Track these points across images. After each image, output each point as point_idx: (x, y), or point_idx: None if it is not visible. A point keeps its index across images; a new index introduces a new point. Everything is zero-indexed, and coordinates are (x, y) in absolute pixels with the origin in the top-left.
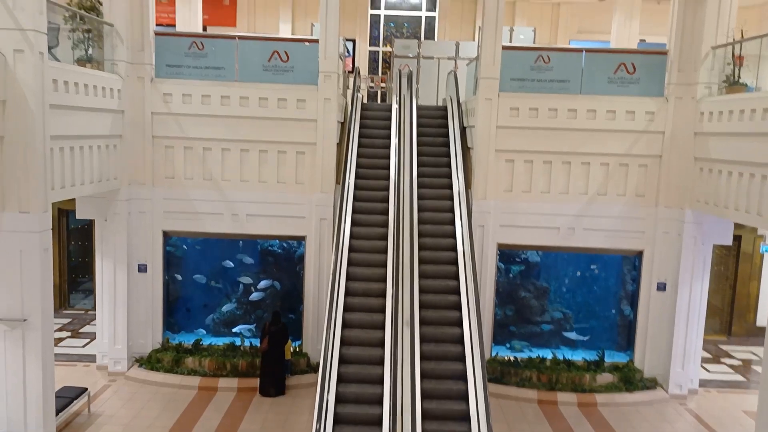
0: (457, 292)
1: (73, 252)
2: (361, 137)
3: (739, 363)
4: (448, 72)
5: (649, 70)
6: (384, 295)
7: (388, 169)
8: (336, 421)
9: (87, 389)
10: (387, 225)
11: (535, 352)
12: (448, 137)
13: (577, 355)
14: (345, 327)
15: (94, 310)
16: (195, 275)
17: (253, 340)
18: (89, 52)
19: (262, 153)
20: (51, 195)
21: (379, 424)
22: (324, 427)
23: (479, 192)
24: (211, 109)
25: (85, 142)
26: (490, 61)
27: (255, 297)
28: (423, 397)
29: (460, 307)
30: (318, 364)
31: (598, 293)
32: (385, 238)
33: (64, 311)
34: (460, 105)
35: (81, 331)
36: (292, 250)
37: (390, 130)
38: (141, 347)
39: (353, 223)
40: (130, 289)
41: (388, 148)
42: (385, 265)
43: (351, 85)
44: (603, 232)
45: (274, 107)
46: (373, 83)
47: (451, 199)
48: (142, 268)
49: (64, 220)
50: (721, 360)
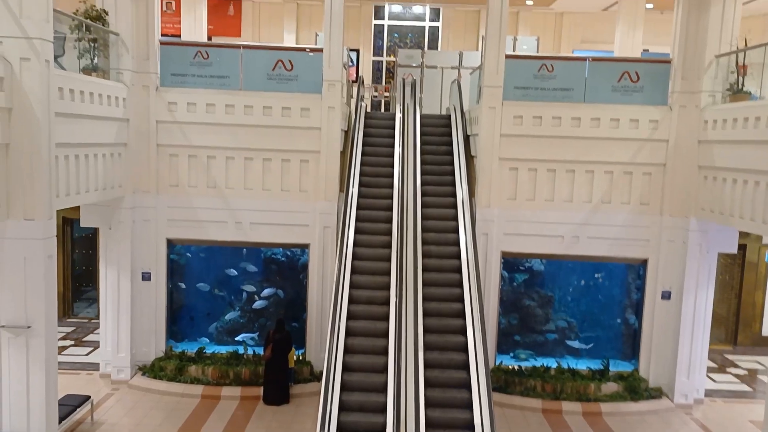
0: (461, 300)
1: (77, 261)
2: (364, 145)
3: (745, 373)
4: (452, 81)
5: (653, 79)
6: (387, 303)
7: (392, 177)
8: (339, 430)
9: (90, 397)
10: (390, 233)
11: (540, 361)
12: (451, 145)
13: (581, 364)
14: (348, 335)
15: (98, 319)
16: (198, 283)
17: (256, 348)
18: (95, 61)
19: (266, 161)
20: (56, 202)
21: None
22: None
23: (483, 200)
24: (216, 117)
25: (90, 150)
26: (493, 70)
27: (258, 305)
28: (427, 405)
29: (464, 315)
30: (321, 372)
31: (603, 302)
32: (389, 246)
33: (68, 320)
34: (463, 114)
35: (84, 339)
36: (295, 258)
37: (393, 139)
38: (144, 355)
39: (357, 231)
40: (134, 297)
41: (392, 157)
42: (388, 274)
43: (355, 94)
44: (607, 240)
45: (278, 116)
46: (376, 92)
47: (455, 207)
48: (146, 276)
49: (68, 228)
50: (727, 370)
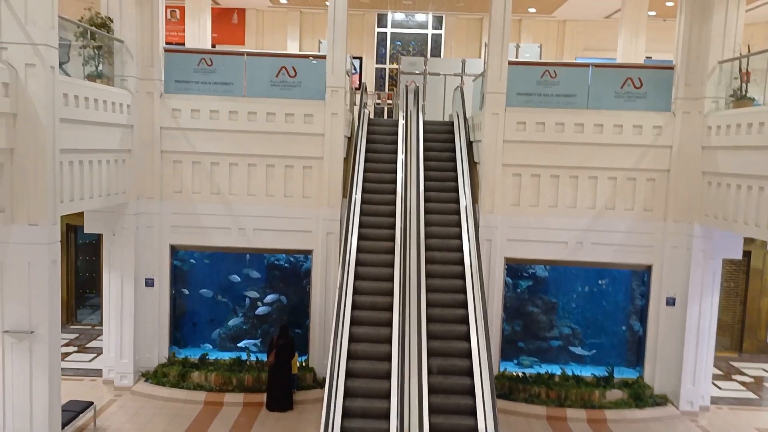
0: (465, 306)
1: (81, 267)
2: (367, 152)
3: (751, 380)
4: (455, 88)
5: (656, 85)
6: (391, 309)
7: (395, 183)
8: None
9: (93, 403)
10: (394, 239)
11: (544, 368)
12: (454, 152)
13: (586, 371)
14: (352, 341)
15: (101, 326)
16: (202, 289)
17: (259, 354)
18: (99, 67)
19: (270, 167)
20: (60, 208)
21: None
22: None
23: (486, 206)
24: (219, 124)
25: (95, 156)
26: (496, 76)
27: (261, 311)
28: (431, 412)
29: (467, 321)
30: (324, 379)
31: (607, 308)
32: (392, 252)
33: (72, 326)
34: (466, 120)
35: (88, 346)
36: (298, 264)
37: (396, 145)
38: (147, 362)
39: (360, 237)
40: (137, 304)
41: (395, 163)
42: (391, 279)
43: (358, 101)
44: (611, 246)
45: (281, 122)
46: (379, 99)
47: (458, 213)
48: (149, 283)
49: (72, 235)
50: (733, 377)
